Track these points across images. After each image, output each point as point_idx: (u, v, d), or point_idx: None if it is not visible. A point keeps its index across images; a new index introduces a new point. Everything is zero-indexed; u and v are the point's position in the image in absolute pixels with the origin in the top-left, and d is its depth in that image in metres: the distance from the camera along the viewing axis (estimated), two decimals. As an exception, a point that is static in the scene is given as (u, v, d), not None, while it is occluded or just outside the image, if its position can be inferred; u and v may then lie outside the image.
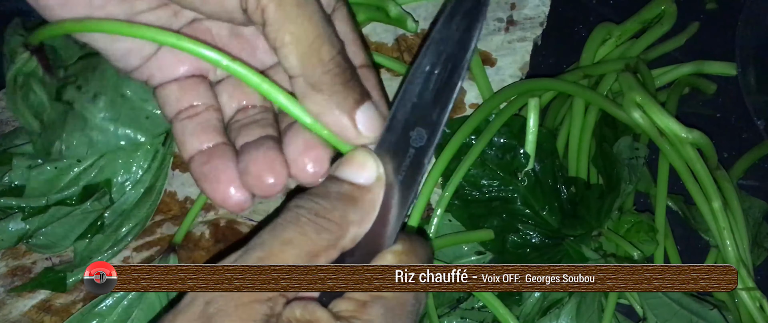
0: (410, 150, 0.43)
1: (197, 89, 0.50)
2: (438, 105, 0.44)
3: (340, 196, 0.42)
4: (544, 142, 0.64)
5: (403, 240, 0.42)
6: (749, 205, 0.66)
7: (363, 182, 0.42)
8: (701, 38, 0.73)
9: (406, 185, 0.43)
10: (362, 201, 0.42)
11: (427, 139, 0.43)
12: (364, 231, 0.42)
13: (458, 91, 0.44)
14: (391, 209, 0.42)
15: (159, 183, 0.66)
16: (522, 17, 0.71)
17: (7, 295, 0.65)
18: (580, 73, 0.69)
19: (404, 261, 0.40)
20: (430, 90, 0.44)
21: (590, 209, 0.63)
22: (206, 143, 0.48)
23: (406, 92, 0.44)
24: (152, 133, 0.64)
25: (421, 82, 0.44)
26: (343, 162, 0.44)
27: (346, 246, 0.41)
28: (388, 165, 0.43)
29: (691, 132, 0.63)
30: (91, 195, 0.64)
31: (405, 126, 0.44)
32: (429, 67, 0.44)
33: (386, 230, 0.42)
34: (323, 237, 0.40)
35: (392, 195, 0.42)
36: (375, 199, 0.42)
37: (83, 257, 0.64)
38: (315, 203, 0.41)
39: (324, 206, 0.41)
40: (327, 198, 0.41)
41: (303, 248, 0.39)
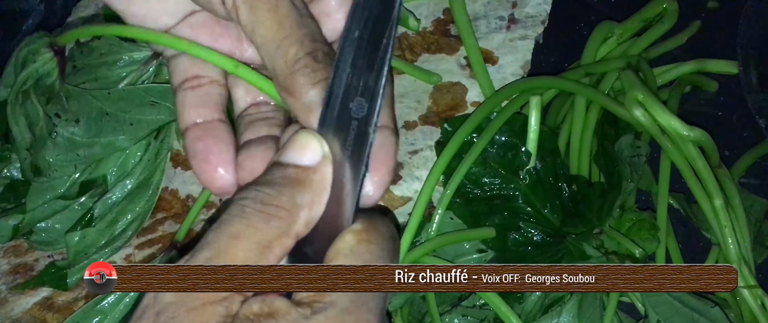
0: (353, 122, 0.41)
1: (207, 64, 0.50)
2: (373, 70, 0.42)
3: (286, 181, 0.39)
4: (546, 140, 0.64)
5: (361, 219, 0.40)
6: (751, 203, 0.66)
7: (308, 163, 0.40)
8: (703, 36, 0.73)
9: (355, 159, 0.41)
10: (310, 182, 0.40)
11: (368, 108, 0.41)
12: (317, 214, 0.40)
13: (391, 50, 0.42)
14: (344, 187, 0.40)
15: (155, 179, 0.66)
16: (523, 15, 0.71)
17: (9, 293, 0.65)
18: (582, 71, 0.69)
19: (365, 240, 0.39)
20: (362, 57, 0.42)
21: (592, 207, 0.63)
22: (203, 116, 0.48)
23: (340, 64, 0.42)
24: (137, 136, 0.64)
25: (351, 51, 0.42)
26: (285, 146, 0.42)
27: (301, 232, 0.39)
28: (333, 142, 0.41)
29: (692, 130, 0.63)
30: (88, 190, 0.64)
31: (343, 99, 0.42)
32: (357, 33, 0.42)
33: (343, 210, 0.40)
34: (273, 225, 0.38)
35: (343, 172, 0.40)
36: (323, 179, 0.40)
37: (77, 252, 0.64)
38: (260, 192, 0.39)
39: (269, 193, 0.39)
40: (272, 186, 0.39)
41: (253, 240, 0.37)
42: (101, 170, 0.65)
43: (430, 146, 0.67)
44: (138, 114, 0.62)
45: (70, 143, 0.62)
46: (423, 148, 0.67)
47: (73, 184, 0.65)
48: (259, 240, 0.37)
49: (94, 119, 0.62)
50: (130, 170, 0.66)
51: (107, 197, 0.65)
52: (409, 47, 0.71)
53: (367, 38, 0.42)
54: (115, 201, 0.65)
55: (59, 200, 0.64)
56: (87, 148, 0.62)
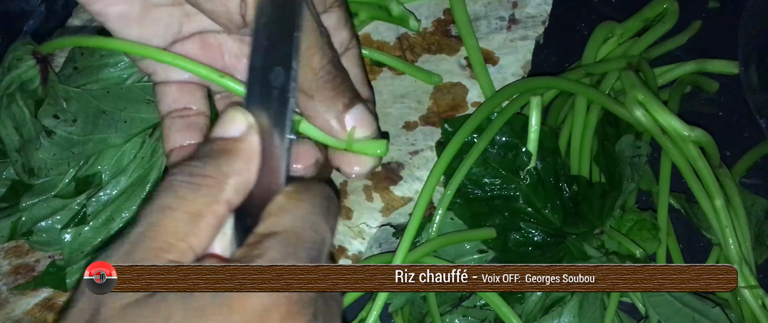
0: (273, 91, 0.42)
1: (194, 95, 0.54)
2: (285, 38, 0.43)
3: (213, 153, 0.41)
4: (546, 141, 0.64)
5: (294, 183, 0.41)
6: (751, 203, 0.66)
7: (234, 134, 0.41)
8: (703, 36, 0.73)
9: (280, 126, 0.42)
10: (237, 150, 0.41)
11: (285, 76, 0.42)
12: (248, 180, 0.41)
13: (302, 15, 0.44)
14: (275, 155, 0.41)
15: (152, 177, 0.66)
16: (524, 16, 0.71)
17: (10, 293, 0.65)
18: (582, 71, 0.69)
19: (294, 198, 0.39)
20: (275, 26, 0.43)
21: (592, 207, 0.63)
22: (188, 140, 0.53)
23: (256, 39, 0.44)
24: (130, 133, 0.64)
25: (264, 23, 0.44)
26: (214, 125, 0.43)
27: (232, 199, 0.40)
28: (261, 115, 0.42)
29: (693, 130, 0.63)
30: (85, 188, 0.64)
31: (263, 71, 0.43)
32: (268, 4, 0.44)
33: (278, 178, 0.41)
34: (201, 194, 0.38)
35: (273, 142, 0.41)
36: (251, 147, 0.41)
37: (73, 250, 0.64)
38: (188, 166, 0.40)
39: (197, 165, 0.40)
40: (199, 158, 0.40)
41: (182, 210, 0.38)
42: (96, 167, 0.66)
43: (430, 146, 0.67)
44: (133, 111, 0.63)
45: (67, 142, 0.62)
46: (423, 149, 0.67)
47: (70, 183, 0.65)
48: (189, 210, 0.38)
49: (92, 118, 0.62)
50: (125, 167, 0.66)
51: (101, 195, 0.65)
52: (409, 48, 0.71)
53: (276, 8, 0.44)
54: (109, 199, 0.65)
55: (57, 199, 0.64)
56: (81, 146, 0.63)
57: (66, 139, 0.62)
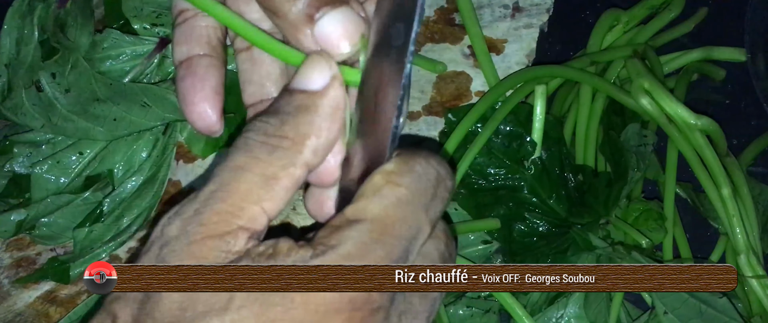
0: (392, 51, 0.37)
1: None
2: None
3: (291, 108, 0.37)
4: (551, 130, 0.64)
5: (398, 157, 0.37)
6: (759, 192, 0.66)
7: (315, 87, 0.38)
8: (710, 24, 0.73)
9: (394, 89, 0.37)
10: (318, 107, 0.37)
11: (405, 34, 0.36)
12: (328, 141, 0.37)
13: None
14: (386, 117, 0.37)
15: (161, 173, 0.66)
16: (528, 3, 0.71)
17: (12, 286, 0.65)
18: (588, 59, 0.68)
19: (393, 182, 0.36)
20: None
21: (598, 197, 0.62)
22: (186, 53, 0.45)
23: None
24: (113, 133, 0.64)
25: None
26: (294, 74, 0.39)
27: (311, 161, 0.37)
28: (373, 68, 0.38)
29: (700, 118, 0.62)
30: (93, 185, 0.65)
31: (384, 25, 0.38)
32: None
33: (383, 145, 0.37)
34: (277, 156, 0.36)
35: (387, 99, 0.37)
36: (334, 103, 0.37)
37: (83, 247, 0.64)
38: (264, 123, 0.37)
39: (273, 124, 0.37)
40: (276, 115, 0.37)
41: (256, 172, 0.35)
42: (107, 165, 0.66)
43: (434, 136, 0.66)
44: (125, 110, 0.62)
45: (50, 106, 0.62)
46: (427, 139, 0.67)
47: (77, 178, 0.65)
48: (263, 172, 0.36)
49: (84, 99, 0.62)
50: (139, 167, 0.66)
51: (116, 193, 0.65)
52: (413, 37, 0.70)
53: None
54: (124, 197, 0.65)
55: (64, 195, 0.64)
56: (62, 121, 0.62)
57: (50, 102, 0.62)
